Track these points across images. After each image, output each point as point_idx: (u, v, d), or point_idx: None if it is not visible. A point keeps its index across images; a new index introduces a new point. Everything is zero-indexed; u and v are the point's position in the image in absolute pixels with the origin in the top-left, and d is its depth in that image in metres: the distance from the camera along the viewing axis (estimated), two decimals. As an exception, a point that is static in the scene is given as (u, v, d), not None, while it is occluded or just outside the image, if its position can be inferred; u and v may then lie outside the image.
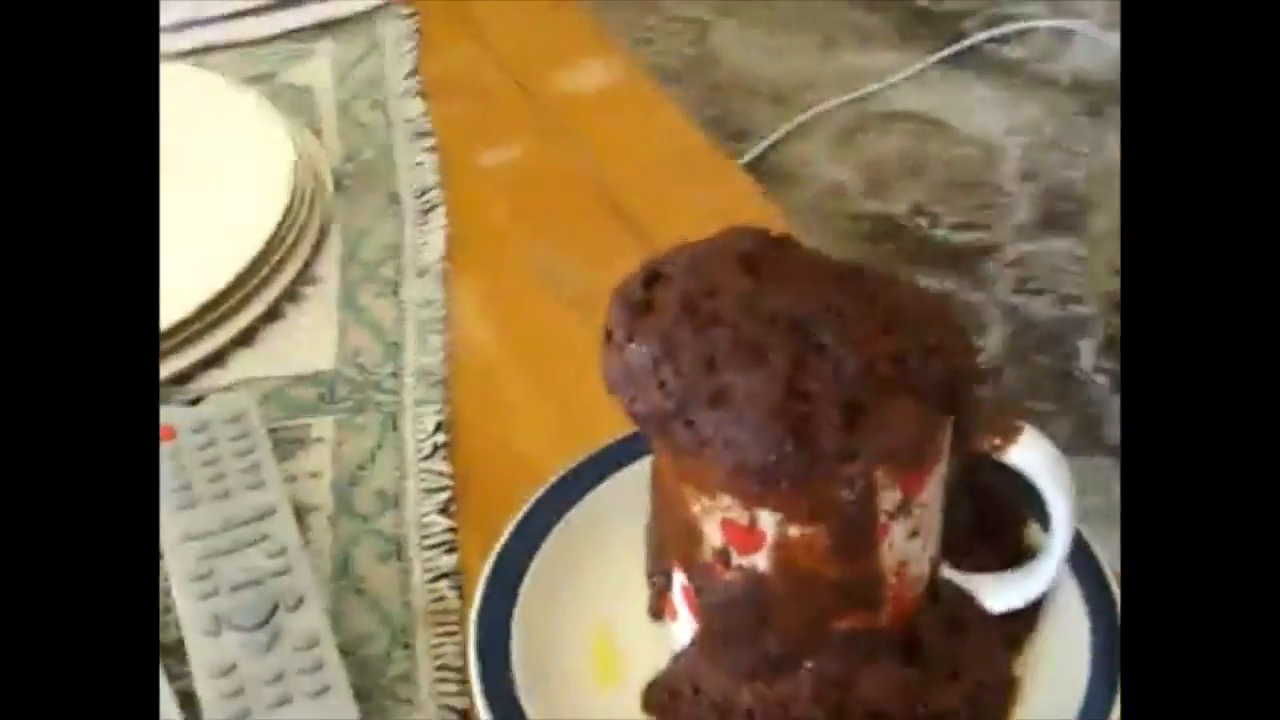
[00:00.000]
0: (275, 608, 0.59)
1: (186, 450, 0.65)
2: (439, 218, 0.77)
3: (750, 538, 0.53)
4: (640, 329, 0.52)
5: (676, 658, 0.57)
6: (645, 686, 0.57)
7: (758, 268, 0.53)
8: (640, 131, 0.81)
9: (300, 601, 0.59)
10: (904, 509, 0.52)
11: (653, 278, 0.53)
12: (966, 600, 0.57)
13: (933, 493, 0.53)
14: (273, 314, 0.73)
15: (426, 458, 0.66)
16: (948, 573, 0.57)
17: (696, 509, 0.53)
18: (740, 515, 0.52)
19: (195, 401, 0.68)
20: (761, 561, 0.53)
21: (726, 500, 0.52)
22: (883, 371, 0.51)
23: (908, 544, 0.54)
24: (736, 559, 0.53)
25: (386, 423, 0.68)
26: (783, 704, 0.55)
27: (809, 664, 0.55)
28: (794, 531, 0.52)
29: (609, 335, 0.53)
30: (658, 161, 0.79)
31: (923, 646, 0.56)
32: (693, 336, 0.51)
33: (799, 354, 0.50)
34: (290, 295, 0.73)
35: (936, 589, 0.56)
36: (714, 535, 0.53)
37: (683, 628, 0.57)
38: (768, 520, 0.52)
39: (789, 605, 0.54)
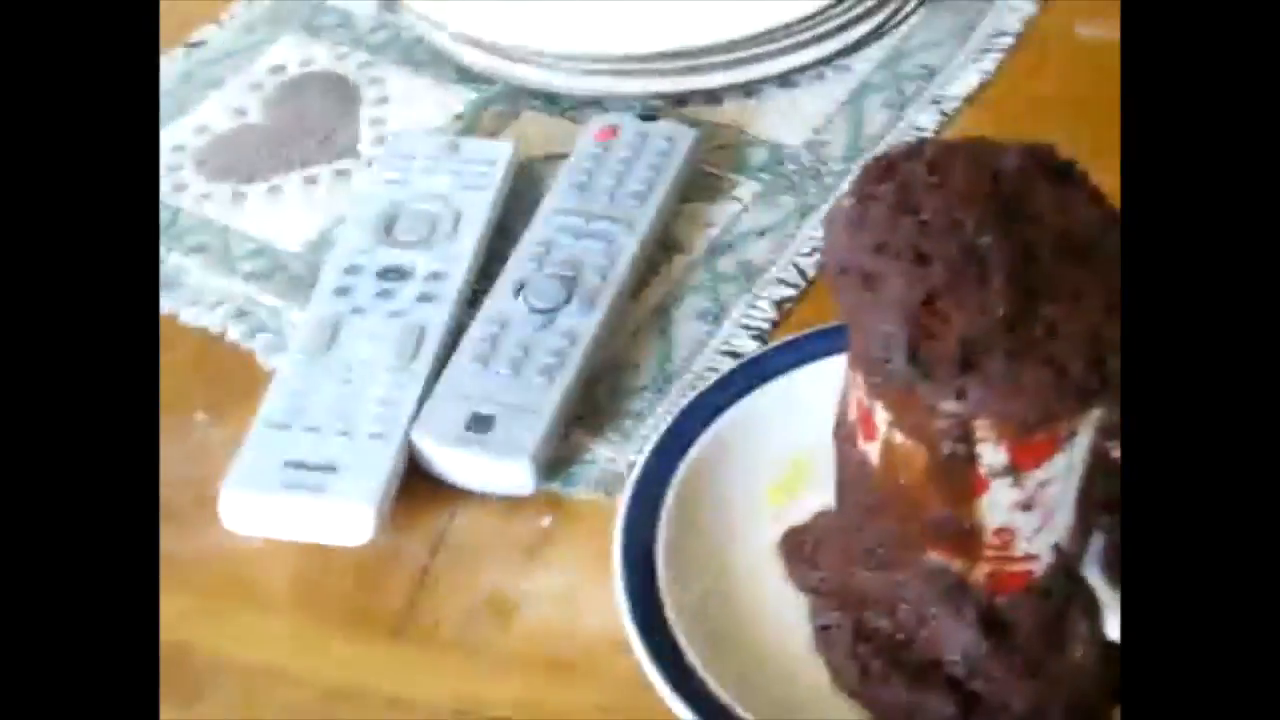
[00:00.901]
0: (569, 299, 0.66)
1: (613, 150, 0.71)
2: (989, 62, 0.77)
3: (869, 425, 0.52)
4: (861, 190, 0.52)
5: (821, 514, 0.59)
6: (786, 529, 0.59)
7: (1000, 186, 0.51)
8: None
9: (591, 306, 0.65)
10: (1012, 475, 0.50)
11: (915, 153, 0.53)
12: (1091, 612, 0.54)
13: (1056, 476, 0.50)
14: (789, 79, 0.76)
15: (804, 255, 0.69)
16: (1093, 577, 0.54)
17: (848, 374, 0.54)
18: (865, 398, 0.52)
19: (651, 118, 0.73)
20: (874, 454, 0.53)
21: (860, 378, 0.52)
22: (1035, 332, 0.48)
23: (1016, 514, 0.51)
24: (860, 441, 0.53)
25: (798, 213, 0.71)
26: (863, 603, 0.56)
27: (899, 577, 0.55)
28: (899, 439, 0.51)
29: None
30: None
31: (1007, 630, 0.54)
32: (883, 216, 0.51)
33: (958, 276, 0.49)
34: (819, 68, 0.77)
35: (1060, 585, 0.54)
36: (852, 407, 0.54)
37: (843, 489, 0.58)
38: (881, 416, 0.52)
39: (890, 509, 0.53)
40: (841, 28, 0.76)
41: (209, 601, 0.60)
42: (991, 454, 0.50)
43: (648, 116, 0.73)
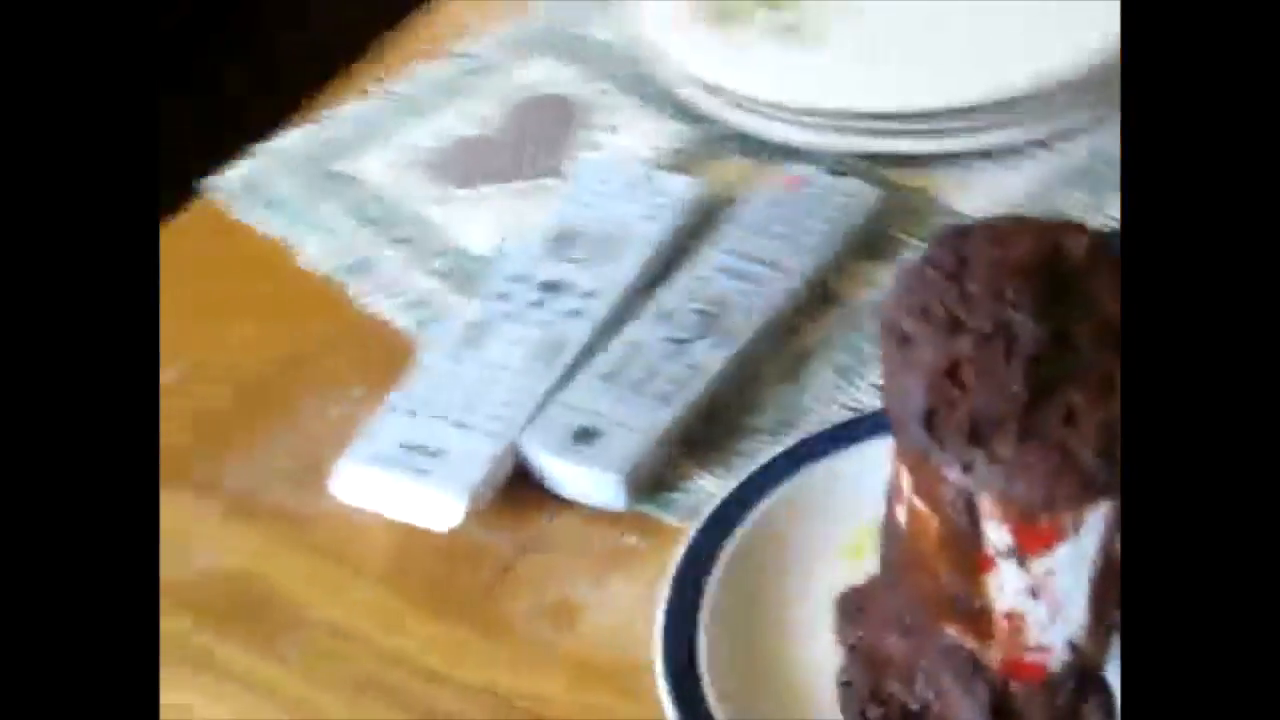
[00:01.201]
0: (703, 336, 0.67)
1: (795, 200, 0.73)
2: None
3: (898, 489, 0.52)
4: (925, 254, 0.52)
5: (875, 575, 0.58)
6: (847, 586, 0.59)
7: (1060, 267, 0.50)
8: None
9: (725, 343, 0.67)
10: (1018, 558, 0.49)
11: (989, 224, 0.53)
12: (1106, 714, 0.52)
13: (1062, 566, 0.49)
14: (993, 153, 0.76)
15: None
16: (1114, 679, 0.52)
17: (892, 439, 0.54)
18: (897, 461, 0.52)
19: (840, 174, 0.74)
20: (903, 518, 0.53)
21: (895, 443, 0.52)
22: (1052, 416, 0.48)
23: (1024, 599, 0.50)
24: (895, 504, 0.53)
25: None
26: (887, 667, 0.55)
27: (920, 646, 0.54)
28: (919, 504, 0.51)
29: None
30: None
31: (1016, 718, 0.53)
32: (933, 281, 0.51)
33: (985, 349, 0.49)
34: (1025, 147, 0.76)
35: (1070, 680, 0.52)
36: (890, 469, 0.54)
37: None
38: (905, 480, 0.52)
39: (913, 575, 0.53)
40: (1051, 111, 0.75)
41: (307, 559, 0.64)
42: (996, 532, 0.49)
43: (837, 172, 0.75)
